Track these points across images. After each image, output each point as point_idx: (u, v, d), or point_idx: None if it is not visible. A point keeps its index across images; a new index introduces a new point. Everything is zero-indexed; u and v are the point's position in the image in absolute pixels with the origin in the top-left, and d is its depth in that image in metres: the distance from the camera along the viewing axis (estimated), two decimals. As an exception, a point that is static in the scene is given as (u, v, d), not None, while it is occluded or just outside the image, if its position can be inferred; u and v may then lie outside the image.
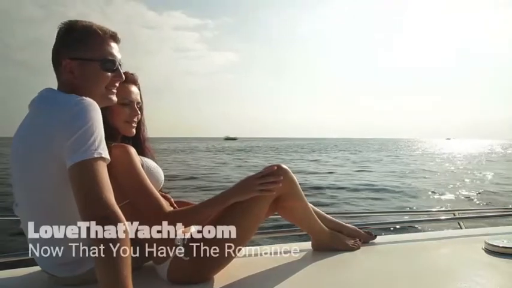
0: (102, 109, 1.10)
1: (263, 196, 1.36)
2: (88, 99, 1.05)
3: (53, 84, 1.20)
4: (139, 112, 1.41)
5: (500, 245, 1.61)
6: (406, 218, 2.43)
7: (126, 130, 1.39)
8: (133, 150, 1.31)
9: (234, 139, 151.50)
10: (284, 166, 1.44)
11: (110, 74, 1.19)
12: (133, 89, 1.41)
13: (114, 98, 1.24)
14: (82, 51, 1.14)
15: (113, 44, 1.21)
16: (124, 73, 1.35)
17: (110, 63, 1.18)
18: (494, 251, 1.61)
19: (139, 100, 1.43)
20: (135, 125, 1.41)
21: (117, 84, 1.24)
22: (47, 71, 1.22)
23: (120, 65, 1.22)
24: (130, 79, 1.40)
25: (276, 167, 1.41)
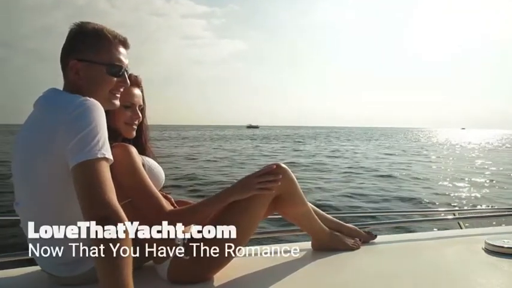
0: (104, 110, 1.11)
1: (262, 195, 1.36)
2: (92, 100, 1.06)
3: (61, 74, 1.21)
4: (140, 115, 1.42)
5: (500, 245, 1.61)
6: (406, 218, 2.43)
7: (126, 132, 1.39)
8: (134, 150, 1.32)
9: (256, 127, 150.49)
10: (283, 165, 1.44)
11: (115, 78, 1.20)
12: (136, 91, 1.41)
13: (117, 102, 1.25)
14: (90, 54, 1.15)
15: (122, 50, 1.22)
16: (128, 75, 1.36)
17: (116, 68, 1.19)
18: (494, 251, 1.61)
19: (142, 103, 1.44)
20: (135, 127, 1.41)
21: (121, 90, 1.25)
22: (55, 60, 1.22)
23: (126, 70, 1.23)
24: (134, 81, 1.40)
25: (275, 166, 1.41)
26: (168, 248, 1.31)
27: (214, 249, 1.32)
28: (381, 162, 17.86)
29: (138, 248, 1.26)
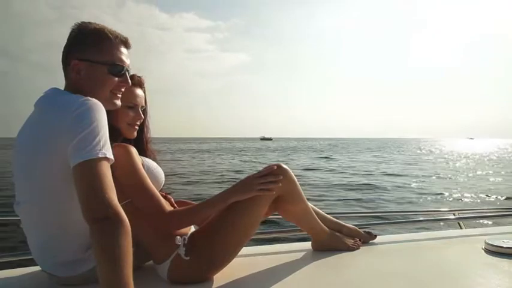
0: (106, 110, 1.11)
1: (263, 196, 1.36)
2: (93, 100, 1.06)
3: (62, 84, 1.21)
4: (142, 116, 1.42)
5: (500, 245, 1.61)
6: (406, 218, 2.43)
7: (128, 132, 1.39)
8: (134, 150, 1.32)
9: (269, 139, 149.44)
10: (284, 166, 1.44)
11: (116, 78, 1.20)
12: (139, 92, 1.42)
13: (119, 102, 1.25)
14: (91, 54, 1.15)
15: (123, 49, 1.22)
16: (132, 76, 1.36)
17: (118, 68, 1.19)
18: (494, 251, 1.61)
19: (144, 104, 1.44)
20: (137, 128, 1.42)
21: (122, 89, 1.25)
22: (57, 73, 1.23)
23: (127, 70, 1.23)
24: (137, 82, 1.41)
25: (275, 167, 1.41)
26: (168, 247, 1.31)
27: (215, 249, 1.32)
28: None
29: (138, 248, 1.26)
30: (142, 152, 1.45)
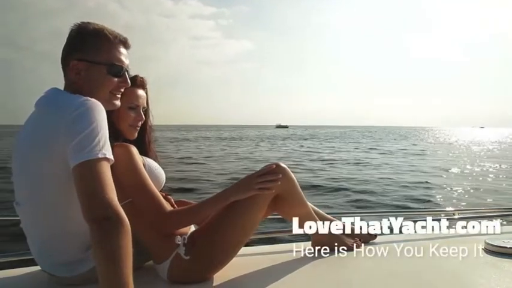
0: (107, 110, 1.11)
1: (262, 195, 1.36)
2: (93, 100, 1.06)
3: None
4: (144, 117, 1.42)
5: (500, 245, 1.61)
6: (407, 217, 2.43)
7: (129, 133, 1.39)
8: (134, 150, 1.32)
9: (285, 127, 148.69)
10: (283, 165, 1.44)
11: (115, 79, 1.20)
12: (141, 93, 1.42)
13: (118, 103, 1.25)
14: (90, 54, 1.15)
15: (122, 50, 1.22)
16: (134, 76, 1.36)
17: (117, 69, 1.19)
18: (494, 251, 1.61)
19: (145, 105, 1.44)
20: (138, 128, 1.42)
21: (122, 90, 1.25)
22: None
23: (127, 71, 1.23)
24: (140, 83, 1.41)
25: (274, 166, 1.41)
26: (168, 247, 1.31)
27: (214, 249, 1.33)
28: None
29: (138, 247, 1.26)
30: (145, 152, 1.46)
